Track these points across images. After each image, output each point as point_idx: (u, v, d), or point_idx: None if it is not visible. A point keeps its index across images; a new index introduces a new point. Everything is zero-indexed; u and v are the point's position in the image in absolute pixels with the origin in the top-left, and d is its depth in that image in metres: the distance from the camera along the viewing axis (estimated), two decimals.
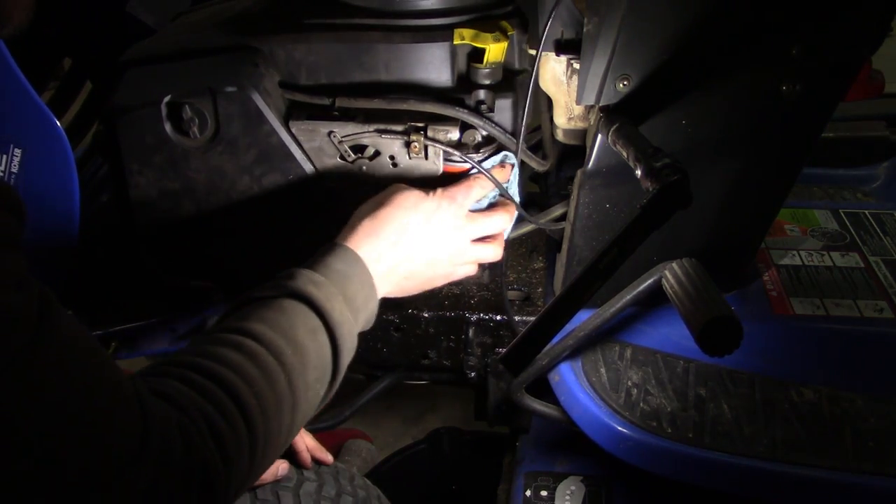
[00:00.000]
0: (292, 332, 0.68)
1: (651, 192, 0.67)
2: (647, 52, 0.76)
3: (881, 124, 1.27)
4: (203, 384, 0.59)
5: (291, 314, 0.70)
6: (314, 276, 0.73)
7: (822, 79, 0.78)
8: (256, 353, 0.64)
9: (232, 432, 0.58)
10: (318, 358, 0.70)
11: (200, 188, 0.93)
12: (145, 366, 0.65)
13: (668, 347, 0.94)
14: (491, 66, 0.89)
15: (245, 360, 0.63)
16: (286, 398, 0.65)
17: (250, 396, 0.61)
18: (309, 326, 0.70)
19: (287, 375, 0.65)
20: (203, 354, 0.62)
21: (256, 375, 0.62)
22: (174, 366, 0.61)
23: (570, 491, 0.96)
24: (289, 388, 0.65)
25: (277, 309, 0.70)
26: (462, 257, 0.89)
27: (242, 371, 0.62)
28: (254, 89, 0.87)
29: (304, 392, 0.68)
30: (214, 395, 0.59)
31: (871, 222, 1.11)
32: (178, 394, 0.57)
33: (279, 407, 0.64)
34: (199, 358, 0.62)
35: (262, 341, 0.65)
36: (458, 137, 0.91)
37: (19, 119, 0.83)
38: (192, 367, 0.61)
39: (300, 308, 0.71)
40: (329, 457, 0.99)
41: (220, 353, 0.63)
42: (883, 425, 0.84)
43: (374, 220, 0.82)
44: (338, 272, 0.76)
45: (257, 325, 0.67)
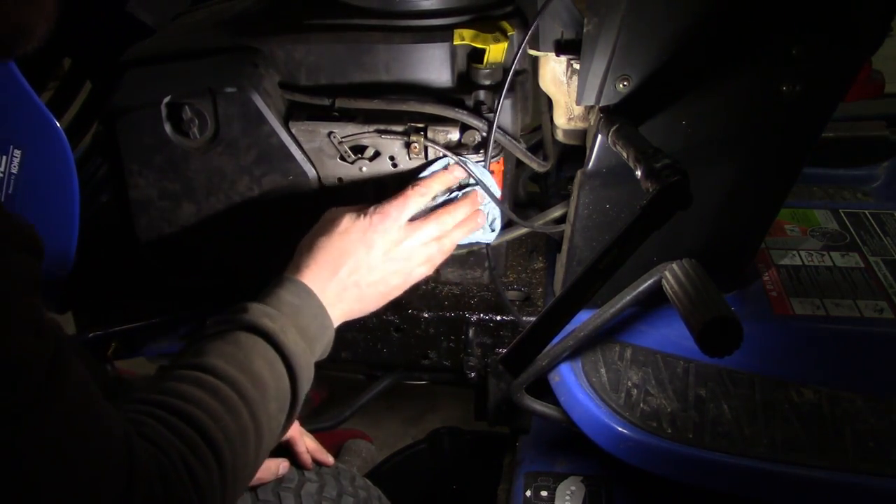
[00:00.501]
0: (250, 365, 0.69)
1: (651, 193, 0.67)
2: (646, 52, 0.76)
3: (881, 124, 1.27)
4: (176, 424, 0.61)
5: (247, 347, 0.71)
6: (267, 310, 0.74)
7: (822, 79, 0.78)
8: (217, 389, 0.65)
9: (204, 469, 0.60)
10: (277, 389, 0.72)
11: (200, 189, 0.93)
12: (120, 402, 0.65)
13: (668, 348, 0.94)
14: (491, 66, 0.89)
15: (207, 397, 0.64)
16: (250, 430, 0.67)
17: (218, 432, 0.63)
18: (266, 358, 0.71)
19: (248, 409, 0.67)
20: (169, 393, 0.64)
21: (220, 411, 0.64)
22: (145, 404, 0.63)
23: (571, 491, 0.96)
24: (251, 420, 0.67)
25: (233, 342, 0.71)
26: (410, 264, 0.87)
27: (208, 408, 0.63)
28: (254, 90, 0.87)
29: (266, 422, 0.69)
30: (187, 436, 0.61)
31: (871, 222, 1.11)
32: (155, 434, 0.59)
33: (244, 439, 0.66)
34: (167, 396, 0.63)
35: (221, 376, 0.67)
36: (458, 138, 0.91)
37: (19, 119, 0.83)
38: (163, 406, 0.62)
39: (255, 341, 0.72)
40: (329, 458, 0.99)
41: (184, 390, 0.64)
42: (883, 425, 0.84)
43: (313, 250, 0.83)
44: (289, 304, 0.77)
45: (216, 360, 0.68)
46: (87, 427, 0.50)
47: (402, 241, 0.86)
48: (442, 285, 1.08)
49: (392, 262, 0.85)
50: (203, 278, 1.01)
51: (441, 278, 1.08)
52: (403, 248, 0.86)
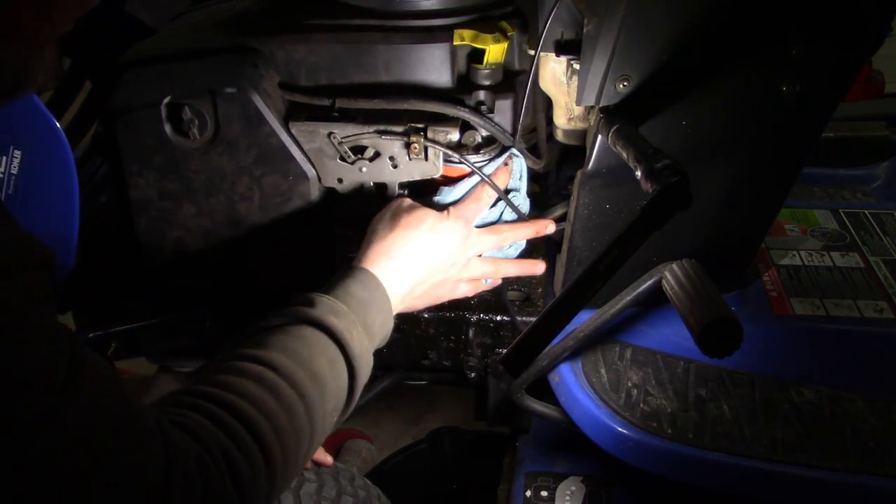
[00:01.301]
0: (312, 363, 0.69)
1: (651, 194, 0.66)
2: (647, 52, 0.75)
3: (881, 124, 1.27)
4: (222, 418, 0.60)
5: (311, 344, 0.71)
6: (335, 305, 0.75)
7: (822, 79, 0.77)
8: (277, 387, 0.65)
9: (249, 467, 0.59)
10: (336, 388, 0.72)
11: (200, 189, 0.93)
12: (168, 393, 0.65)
13: (668, 348, 0.94)
14: (491, 66, 0.89)
15: (266, 394, 0.63)
16: (304, 431, 0.66)
17: (270, 432, 0.62)
18: (328, 357, 0.71)
19: (306, 408, 0.66)
20: (224, 386, 0.63)
21: (276, 410, 0.63)
22: (195, 396, 0.62)
23: (571, 491, 0.96)
24: (307, 420, 0.67)
25: (298, 337, 0.70)
26: (466, 274, 0.91)
27: (263, 405, 0.62)
28: (254, 90, 0.87)
29: (321, 422, 0.69)
30: (233, 430, 0.60)
31: (871, 222, 1.11)
32: (199, 427, 0.58)
33: (298, 440, 0.65)
34: (220, 390, 0.62)
35: (283, 373, 0.66)
36: (458, 138, 0.91)
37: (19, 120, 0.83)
38: (213, 399, 0.61)
39: (320, 338, 0.72)
40: (329, 458, 0.99)
41: (241, 385, 0.63)
42: (883, 425, 0.84)
43: (392, 240, 0.84)
44: (358, 299, 0.77)
45: (277, 355, 0.67)
46: (116, 421, 0.50)
47: (471, 247, 0.89)
48: None
49: (455, 268, 0.88)
50: (203, 279, 1.01)
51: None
52: (468, 257, 0.89)
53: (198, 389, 0.63)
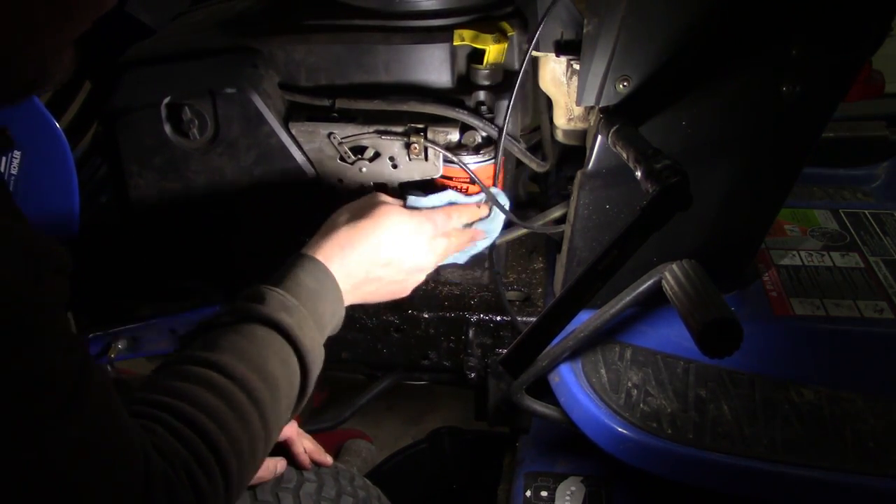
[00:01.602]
0: (265, 364, 0.68)
1: (651, 194, 0.66)
2: (647, 53, 0.75)
3: (881, 124, 1.27)
4: (182, 431, 0.60)
5: (264, 345, 0.69)
6: (285, 300, 0.73)
7: (822, 79, 0.77)
8: (230, 394, 0.64)
9: (208, 481, 0.60)
10: (289, 386, 0.71)
11: (200, 189, 0.93)
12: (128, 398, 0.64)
13: (668, 348, 0.94)
14: (491, 66, 0.89)
15: (220, 403, 0.63)
16: (259, 436, 0.66)
17: (225, 443, 0.62)
18: (281, 357, 0.70)
19: (260, 413, 0.66)
20: (180, 395, 0.63)
21: (231, 419, 0.63)
22: (154, 407, 0.62)
23: (571, 491, 0.96)
24: (261, 425, 0.66)
25: (250, 337, 0.69)
26: (423, 276, 0.89)
27: (218, 416, 0.62)
28: (253, 91, 0.87)
29: (275, 424, 0.69)
30: (193, 444, 0.60)
31: (871, 222, 1.11)
32: (164, 443, 0.59)
33: (252, 447, 0.66)
34: (177, 400, 0.62)
35: (235, 378, 0.65)
36: (458, 139, 0.91)
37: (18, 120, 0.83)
38: (171, 410, 0.61)
39: (272, 336, 0.70)
40: (328, 458, 0.99)
41: (196, 394, 0.63)
42: (883, 425, 0.84)
43: (352, 231, 0.81)
44: (308, 290, 0.75)
45: (229, 357, 0.66)
46: (109, 438, 0.51)
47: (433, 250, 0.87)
48: (442, 285, 1.08)
49: (413, 268, 0.86)
50: (202, 279, 1.01)
51: (441, 278, 1.08)
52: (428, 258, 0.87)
53: (156, 399, 0.62)
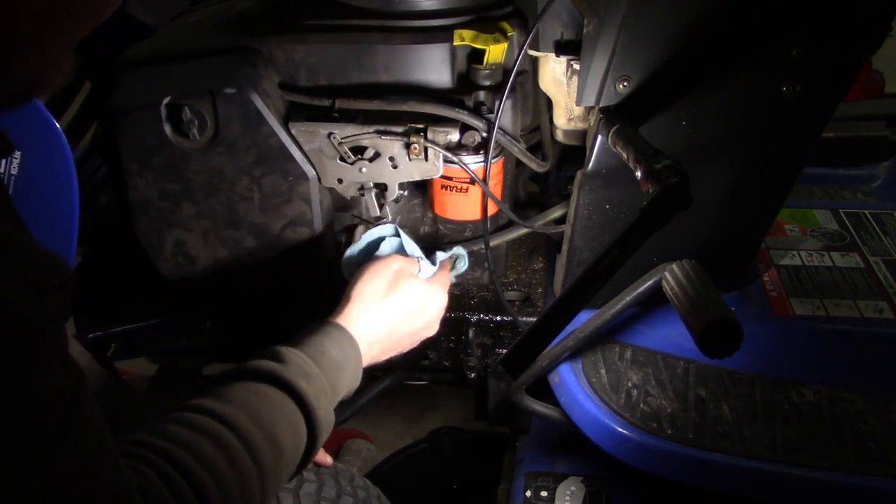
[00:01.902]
0: (273, 427, 0.67)
1: (651, 194, 0.66)
2: (647, 53, 0.75)
3: (881, 124, 1.27)
4: (178, 485, 0.59)
5: (275, 407, 0.69)
6: (307, 367, 0.73)
7: (822, 79, 0.77)
8: (234, 452, 0.63)
9: None
10: (293, 453, 0.70)
11: (200, 189, 0.93)
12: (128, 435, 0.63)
13: (668, 348, 0.94)
14: (491, 66, 0.89)
15: (222, 460, 0.62)
16: (255, 498, 0.65)
17: (220, 499, 0.60)
18: (290, 421, 0.70)
19: (260, 476, 0.65)
20: (182, 444, 0.61)
21: (230, 478, 0.62)
22: (152, 451, 0.60)
23: (571, 491, 0.96)
24: (260, 488, 0.65)
25: (263, 398, 0.69)
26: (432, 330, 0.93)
27: (218, 473, 0.61)
28: (253, 91, 0.87)
29: (273, 489, 0.68)
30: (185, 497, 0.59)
31: (871, 222, 1.11)
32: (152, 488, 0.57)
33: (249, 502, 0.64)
34: (178, 448, 0.61)
35: (242, 437, 0.64)
36: (458, 139, 0.91)
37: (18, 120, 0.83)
38: (169, 458, 0.60)
39: (286, 402, 0.70)
40: (328, 459, 0.99)
41: (199, 445, 0.62)
42: (883, 426, 0.84)
43: (380, 306, 0.83)
44: (330, 360, 0.76)
45: (241, 415, 0.66)
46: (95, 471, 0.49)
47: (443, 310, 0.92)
48: None
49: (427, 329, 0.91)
50: (202, 279, 1.01)
51: None
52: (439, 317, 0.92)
53: (156, 444, 0.61)
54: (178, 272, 1.00)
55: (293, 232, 0.96)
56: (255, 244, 0.97)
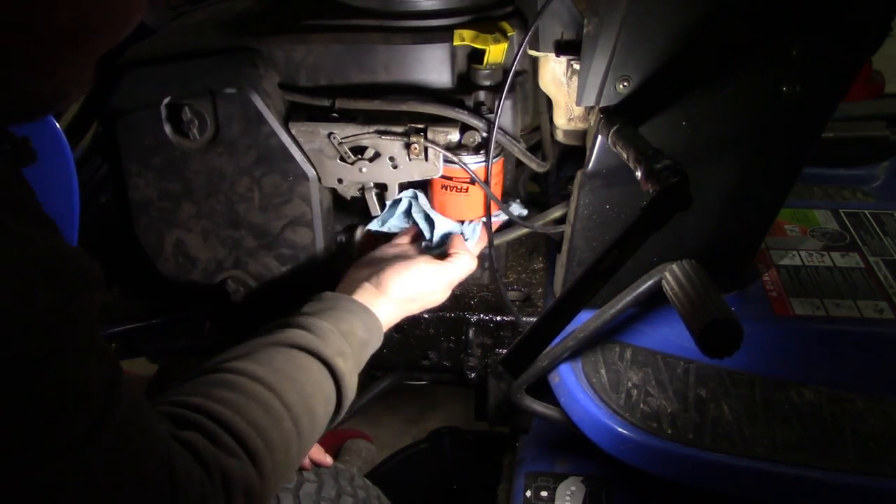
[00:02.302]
0: (311, 399, 0.74)
1: (651, 194, 0.66)
2: (647, 53, 0.75)
3: (881, 124, 1.27)
4: (228, 444, 0.63)
5: (314, 380, 0.75)
6: (343, 347, 0.79)
7: (823, 79, 0.77)
8: (281, 419, 0.69)
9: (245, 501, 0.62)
10: (323, 422, 0.77)
11: (200, 190, 0.93)
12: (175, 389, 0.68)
13: (668, 348, 0.94)
14: (491, 67, 0.89)
15: (272, 428, 0.67)
16: (293, 463, 0.72)
17: (270, 464, 0.66)
18: (325, 394, 0.76)
19: (299, 442, 0.71)
20: (233, 406, 0.66)
21: (278, 445, 0.67)
22: (209, 417, 0.64)
23: (571, 491, 0.96)
24: (297, 453, 0.72)
25: (305, 371, 0.75)
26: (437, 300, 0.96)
27: (267, 437, 0.66)
28: (253, 91, 0.87)
29: (304, 454, 0.75)
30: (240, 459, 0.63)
31: (871, 222, 1.11)
32: (204, 449, 0.61)
33: (286, 472, 0.71)
34: (230, 411, 0.65)
35: (287, 405, 0.70)
36: (458, 139, 0.91)
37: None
38: (223, 423, 0.64)
39: (323, 377, 0.76)
40: (328, 459, 0.99)
41: (253, 414, 0.67)
42: (883, 426, 0.84)
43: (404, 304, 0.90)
44: (360, 341, 0.83)
45: (285, 383, 0.71)
46: (137, 447, 0.52)
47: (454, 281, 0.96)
48: None
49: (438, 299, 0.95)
50: (202, 279, 1.01)
51: None
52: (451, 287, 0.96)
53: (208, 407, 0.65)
54: (178, 272, 1.00)
55: (293, 232, 0.96)
56: (255, 244, 0.97)
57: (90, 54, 0.53)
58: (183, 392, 0.67)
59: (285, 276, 1.00)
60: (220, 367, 0.72)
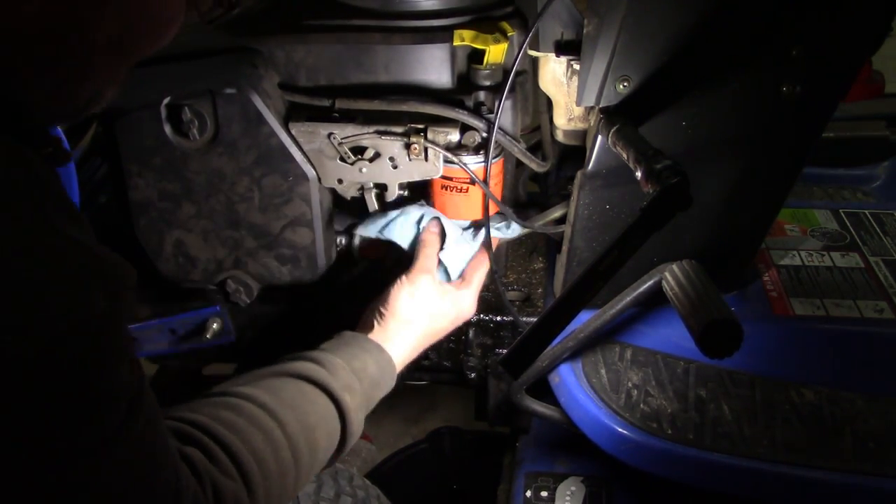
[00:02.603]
0: (314, 431, 0.74)
1: (651, 195, 0.66)
2: (647, 53, 0.75)
3: (881, 124, 1.27)
4: (225, 465, 0.64)
5: (319, 414, 0.75)
6: (352, 382, 0.80)
7: (823, 79, 0.77)
8: (280, 447, 0.69)
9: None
10: (324, 456, 0.77)
11: (200, 190, 0.93)
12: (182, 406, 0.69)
13: (668, 348, 0.94)
14: (491, 67, 0.89)
15: (268, 452, 0.68)
16: (289, 493, 0.71)
17: (262, 491, 0.66)
18: (329, 428, 0.76)
19: (296, 473, 0.71)
20: (235, 430, 0.67)
21: (273, 472, 0.68)
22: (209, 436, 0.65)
23: (571, 491, 0.96)
24: (293, 484, 0.72)
25: (311, 403, 0.75)
26: None
27: (263, 463, 0.67)
28: (253, 91, 0.87)
29: (302, 486, 0.74)
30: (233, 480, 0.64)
31: (871, 222, 1.11)
32: (201, 464, 0.62)
33: (281, 500, 0.70)
34: (230, 434, 0.66)
35: (288, 434, 0.71)
36: (458, 139, 0.91)
37: None
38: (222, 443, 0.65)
39: (329, 411, 0.76)
40: None
41: (252, 439, 0.67)
42: (883, 426, 0.84)
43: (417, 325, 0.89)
44: (371, 379, 0.83)
45: (289, 413, 0.72)
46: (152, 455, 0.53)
47: None
48: None
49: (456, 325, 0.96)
50: (202, 279, 1.01)
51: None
52: None
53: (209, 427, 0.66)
54: (178, 272, 1.00)
55: (293, 232, 0.96)
56: (255, 244, 0.97)
57: (131, 59, 0.55)
58: (189, 409, 0.68)
59: (285, 276, 1.00)
60: (228, 391, 0.73)
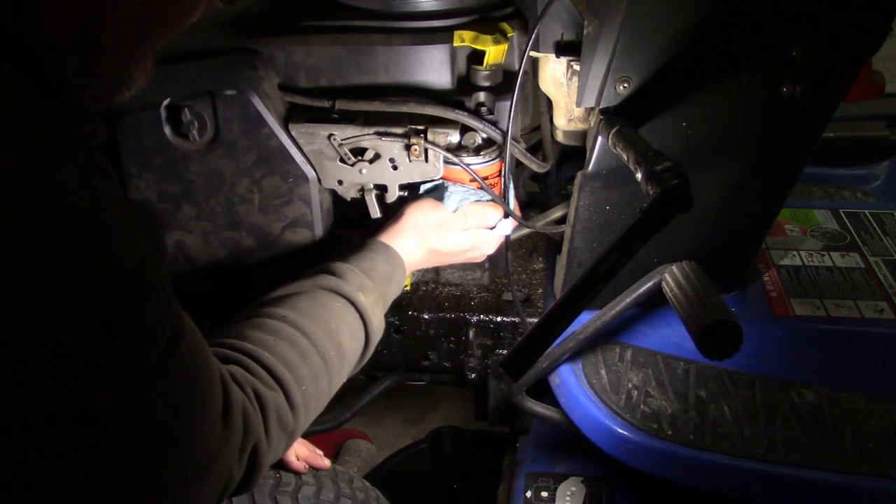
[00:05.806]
0: (339, 335, 0.80)
1: (651, 196, 0.66)
2: (647, 54, 0.75)
3: (881, 124, 1.27)
4: (262, 376, 0.71)
5: (340, 316, 0.81)
6: (363, 281, 0.85)
7: (823, 79, 0.77)
8: (307, 353, 0.76)
9: (278, 426, 0.70)
10: (353, 356, 0.83)
11: (200, 191, 0.93)
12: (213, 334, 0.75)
13: (668, 349, 0.94)
14: (491, 68, 0.89)
15: (300, 362, 0.74)
16: (324, 394, 0.78)
17: (299, 395, 0.73)
18: (352, 330, 0.82)
19: (329, 376, 0.78)
20: (263, 344, 0.73)
21: (306, 376, 0.74)
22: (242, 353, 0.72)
23: (571, 492, 0.96)
24: (328, 384, 0.78)
25: (329, 308, 0.81)
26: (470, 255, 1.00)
27: (296, 370, 0.74)
28: (253, 92, 0.87)
29: (337, 383, 0.81)
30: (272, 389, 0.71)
31: (871, 222, 1.11)
32: (242, 377, 0.69)
33: (318, 403, 0.78)
34: (259, 348, 0.73)
35: (313, 340, 0.77)
36: (458, 140, 0.91)
37: None
38: (255, 358, 0.72)
39: (348, 312, 0.82)
40: (325, 462, 0.99)
41: (280, 350, 0.74)
42: (883, 426, 0.84)
43: (429, 238, 0.93)
44: (381, 274, 0.87)
45: (311, 323, 0.78)
46: (199, 373, 0.58)
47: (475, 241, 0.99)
48: (442, 286, 1.08)
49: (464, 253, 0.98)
50: (202, 280, 1.01)
51: (441, 279, 1.08)
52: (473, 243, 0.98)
53: (242, 346, 0.72)
54: (178, 273, 1.00)
55: (293, 233, 0.96)
56: (255, 245, 0.97)
57: (154, 39, 0.56)
58: (220, 335, 0.74)
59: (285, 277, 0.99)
60: (251, 313, 0.79)
